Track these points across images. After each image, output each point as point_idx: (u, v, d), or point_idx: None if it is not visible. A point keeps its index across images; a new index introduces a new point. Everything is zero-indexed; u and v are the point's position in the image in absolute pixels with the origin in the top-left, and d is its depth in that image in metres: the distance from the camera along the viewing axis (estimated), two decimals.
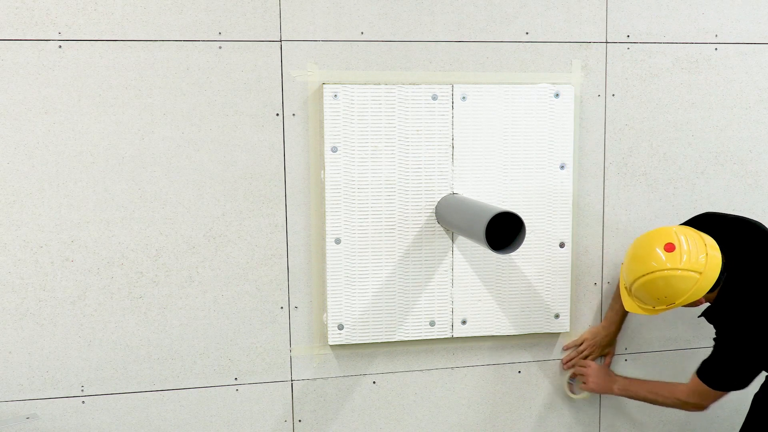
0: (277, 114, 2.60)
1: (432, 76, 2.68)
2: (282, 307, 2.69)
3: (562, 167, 2.78)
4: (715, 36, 2.88)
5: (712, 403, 2.62)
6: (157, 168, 2.54)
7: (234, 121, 2.57)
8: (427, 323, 2.75)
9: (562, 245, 2.82)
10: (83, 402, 2.60)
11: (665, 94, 2.87)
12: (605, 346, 2.91)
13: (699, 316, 2.66)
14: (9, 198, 2.47)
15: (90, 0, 2.44)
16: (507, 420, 2.93)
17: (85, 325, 2.57)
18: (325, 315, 2.71)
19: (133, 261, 2.56)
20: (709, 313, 2.59)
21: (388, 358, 2.79)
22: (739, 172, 2.97)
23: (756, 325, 2.44)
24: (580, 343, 2.91)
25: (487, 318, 2.80)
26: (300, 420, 2.76)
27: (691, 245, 2.40)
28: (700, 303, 2.49)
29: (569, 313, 2.87)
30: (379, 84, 2.62)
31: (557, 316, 2.86)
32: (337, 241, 2.64)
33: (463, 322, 2.78)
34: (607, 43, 2.80)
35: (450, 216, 2.63)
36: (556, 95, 2.74)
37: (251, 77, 2.57)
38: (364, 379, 2.79)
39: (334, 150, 2.60)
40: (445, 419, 2.88)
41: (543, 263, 2.81)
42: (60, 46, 2.44)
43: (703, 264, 2.39)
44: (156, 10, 2.48)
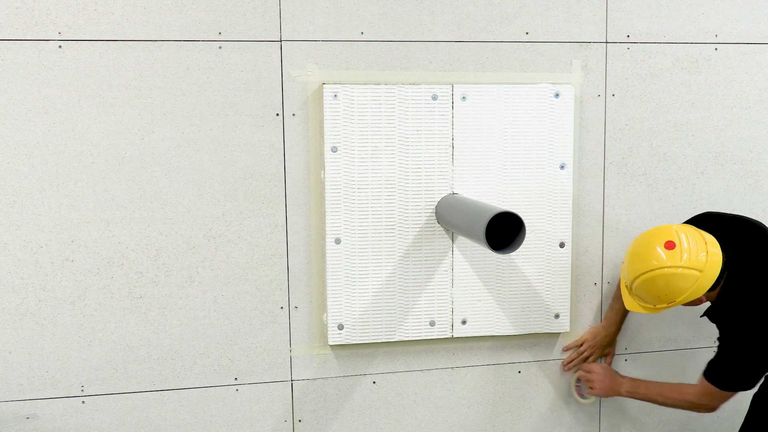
0: (277, 114, 2.60)
1: (432, 76, 2.68)
2: (282, 307, 2.69)
3: (562, 167, 2.78)
4: (715, 36, 2.88)
5: (723, 404, 2.61)
6: (157, 168, 2.54)
7: (234, 121, 2.57)
8: (427, 323, 2.75)
9: (562, 245, 2.82)
10: (83, 402, 2.60)
11: (665, 94, 2.87)
12: (605, 346, 2.91)
13: (701, 315, 2.65)
14: (9, 198, 2.47)
15: (90, 0, 2.44)
16: (507, 420, 2.93)
17: (85, 325, 2.57)
18: (325, 315, 2.71)
19: (133, 261, 2.56)
20: (711, 313, 2.59)
21: (388, 358, 2.79)
22: (739, 172, 2.97)
23: (760, 324, 2.44)
24: (580, 344, 2.91)
25: (487, 318, 2.80)
26: (300, 420, 2.76)
27: (691, 243, 2.40)
28: (701, 302, 2.49)
29: (569, 313, 2.87)
30: (379, 84, 2.62)
31: (557, 316, 2.86)
32: (337, 241, 2.64)
33: (463, 322, 2.78)
34: (607, 43, 2.80)
35: (450, 216, 2.63)
36: (556, 95, 2.74)
37: (251, 77, 2.57)
38: (364, 379, 2.79)
39: (334, 150, 2.60)
40: (445, 419, 2.88)
41: (543, 263, 2.81)
42: (60, 46, 2.44)
43: (703, 262, 2.38)
44: (156, 10, 2.48)
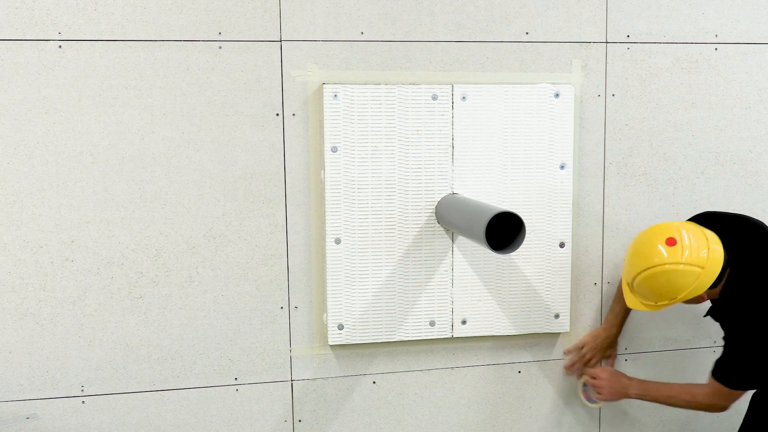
0: (277, 114, 2.60)
1: (432, 76, 2.68)
2: (282, 307, 2.69)
3: (562, 167, 2.78)
4: (715, 36, 2.88)
5: (734, 402, 2.59)
6: (157, 168, 2.54)
7: (234, 121, 2.57)
8: (427, 323, 2.75)
9: (562, 245, 2.82)
10: (83, 402, 2.60)
11: (665, 94, 2.87)
12: (606, 348, 2.90)
13: (705, 315, 2.65)
14: (9, 198, 2.47)
15: (90, 0, 2.44)
16: (507, 420, 2.93)
17: (85, 325, 2.57)
18: (325, 315, 2.70)
19: (133, 261, 2.56)
20: (715, 312, 2.58)
21: (388, 358, 2.79)
22: (739, 172, 2.97)
23: (766, 322, 2.43)
24: (581, 346, 2.89)
25: (487, 318, 2.80)
26: (300, 420, 2.76)
27: (692, 240, 2.39)
28: (702, 299, 2.48)
29: (569, 313, 2.87)
30: (379, 84, 2.62)
31: (557, 316, 2.85)
32: (337, 241, 2.64)
33: (463, 322, 2.78)
34: (607, 43, 2.80)
35: (450, 216, 2.63)
36: (556, 95, 2.74)
37: (251, 77, 2.57)
38: (364, 379, 2.79)
39: (334, 150, 2.60)
40: (445, 419, 2.87)
41: (543, 263, 2.81)
42: (60, 46, 2.44)
43: (705, 259, 2.37)
44: (156, 10, 2.48)
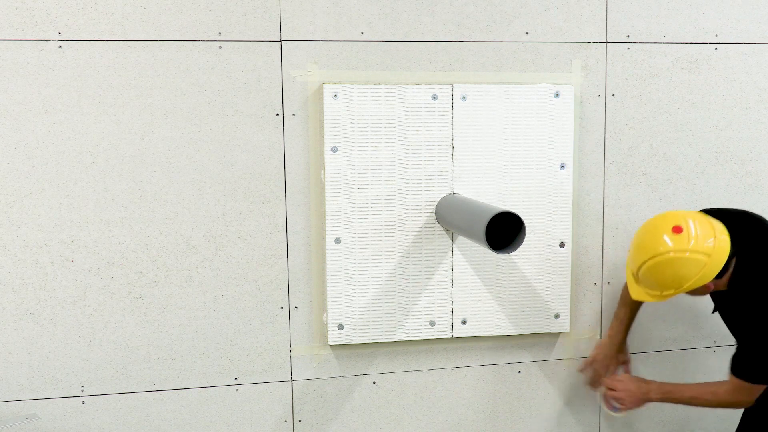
0: (277, 114, 2.60)
1: (432, 76, 2.68)
2: (282, 307, 2.69)
3: (562, 167, 2.78)
4: (715, 36, 2.88)
5: (758, 395, 2.54)
6: (157, 168, 2.54)
7: (234, 121, 2.57)
8: (427, 323, 2.75)
9: (562, 245, 2.82)
10: (83, 402, 2.60)
11: (665, 94, 2.87)
12: (615, 355, 2.85)
13: (713, 311, 2.63)
14: (9, 198, 2.47)
15: (90, 0, 2.44)
16: (507, 420, 2.93)
17: (85, 325, 2.57)
18: (325, 315, 2.70)
19: (133, 261, 2.56)
20: (723, 306, 2.56)
21: (388, 358, 2.79)
22: (739, 172, 2.97)
23: None
24: (592, 361, 2.86)
25: (487, 318, 2.80)
26: (300, 420, 2.76)
27: (699, 228, 2.37)
28: (708, 289, 2.44)
29: (569, 313, 2.87)
30: (379, 84, 2.62)
31: (557, 316, 2.85)
32: (337, 241, 2.64)
33: (463, 322, 2.78)
34: (607, 43, 2.80)
35: (450, 216, 2.63)
36: (556, 95, 2.74)
37: (251, 77, 2.57)
38: (364, 379, 2.79)
39: (334, 150, 2.60)
40: (445, 419, 2.88)
41: (543, 263, 2.81)
42: (60, 46, 2.44)
43: (711, 247, 2.35)
44: (156, 10, 2.48)
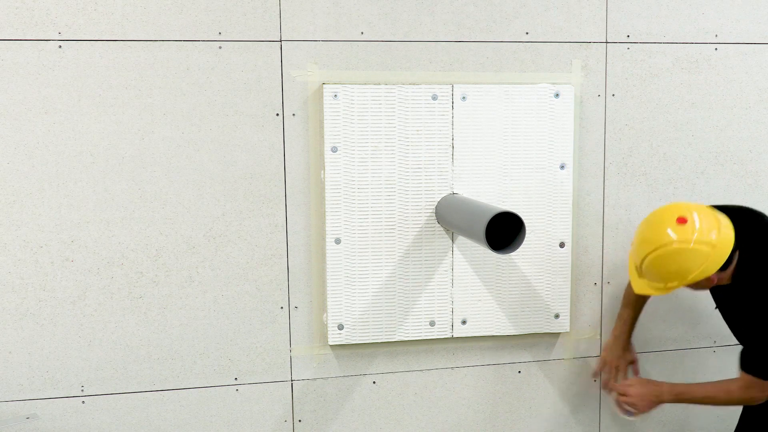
0: (277, 114, 2.60)
1: (432, 76, 2.68)
2: (282, 307, 2.69)
3: (562, 167, 2.78)
4: (715, 36, 2.88)
5: None
6: (157, 168, 2.54)
7: (234, 121, 2.57)
8: (427, 323, 2.75)
9: (562, 245, 2.82)
10: (83, 402, 2.60)
11: (665, 94, 2.87)
12: (622, 354, 2.85)
13: (715, 308, 2.62)
14: (9, 198, 2.47)
15: (90, 0, 2.44)
16: (507, 420, 2.93)
17: (85, 325, 2.57)
18: (325, 315, 2.70)
19: (133, 261, 2.56)
20: (726, 301, 2.56)
21: (388, 358, 2.79)
22: (739, 172, 2.97)
23: None
24: (603, 364, 2.87)
25: (487, 318, 2.80)
26: (300, 420, 2.76)
27: (703, 220, 2.36)
28: (711, 282, 2.43)
29: (569, 313, 2.87)
30: (379, 84, 2.62)
31: (557, 316, 2.85)
32: (337, 241, 2.64)
33: (463, 322, 2.78)
34: (607, 43, 2.80)
35: (450, 216, 2.63)
36: (556, 95, 2.74)
37: (251, 77, 2.57)
38: (364, 379, 2.79)
39: (334, 150, 2.60)
40: (445, 419, 2.87)
41: (543, 263, 2.81)
42: (60, 46, 2.44)
43: (715, 239, 2.33)
44: (156, 10, 2.48)
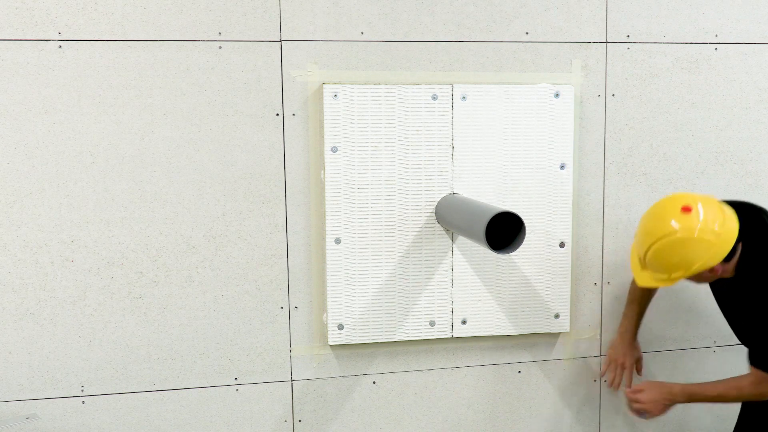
0: (277, 114, 2.60)
1: (432, 76, 2.68)
2: (282, 307, 2.69)
3: (562, 167, 2.78)
4: (715, 36, 2.88)
5: None
6: (157, 168, 2.54)
7: (234, 121, 2.57)
8: (427, 323, 2.75)
9: (562, 245, 2.82)
10: (83, 402, 2.60)
11: (665, 94, 2.87)
12: (629, 351, 2.85)
13: (718, 302, 2.62)
14: (9, 198, 2.47)
15: (90, 0, 2.44)
16: (507, 420, 2.93)
17: (85, 325, 2.57)
18: (325, 315, 2.70)
19: (133, 261, 2.56)
20: (727, 297, 2.55)
21: (388, 358, 2.79)
22: (739, 172, 2.97)
23: None
24: (609, 362, 2.87)
25: (487, 318, 2.80)
26: (300, 420, 2.76)
27: (707, 209, 2.36)
28: (715, 272, 2.41)
29: (569, 313, 2.87)
30: (379, 84, 2.62)
31: (557, 316, 2.85)
32: (337, 241, 2.64)
33: (463, 322, 2.78)
34: (607, 43, 2.80)
35: (450, 216, 2.63)
36: (556, 95, 2.74)
37: (251, 77, 2.57)
38: (364, 379, 2.79)
39: (334, 150, 2.60)
40: (445, 419, 2.87)
41: (543, 263, 2.81)
42: (60, 46, 2.44)
43: (720, 228, 2.33)
44: (156, 10, 2.48)
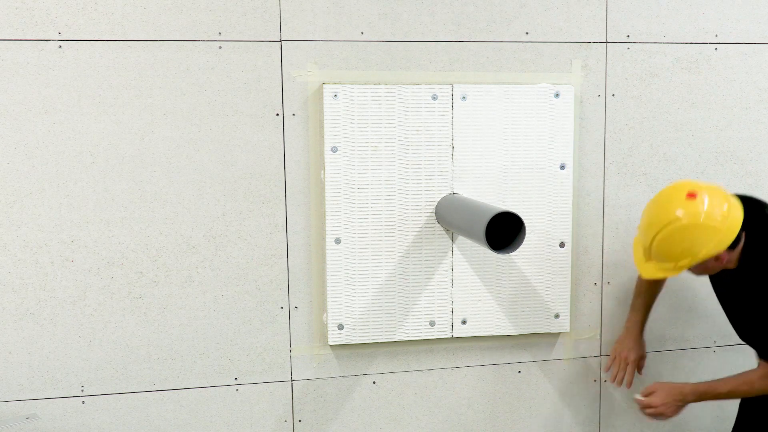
0: (277, 114, 2.60)
1: (432, 76, 2.68)
2: (282, 307, 2.69)
3: (562, 167, 2.78)
4: (715, 36, 2.88)
5: None
6: (157, 168, 2.54)
7: (234, 121, 2.57)
8: (427, 323, 2.75)
9: (562, 245, 2.82)
10: (83, 402, 2.60)
11: (665, 94, 2.87)
12: (635, 347, 2.84)
13: (720, 296, 2.62)
14: (9, 198, 2.47)
15: (90, 0, 2.44)
16: (507, 420, 2.93)
17: (85, 325, 2.57)
18: (325, 315, 2.70)
19: (133, 261, 2.56)
20: (728, 290, 2.55)
21: (388, 358, 2.79)
22: (739, 172, 2.97)
23: None
24: (614, 357, 2.86)
25: (487, 318, 2.80)
26: (300, 420, 2.76)
27: (712, 195, 2.35)
28: (720, 262, 2.40)
29: (569, 313, 2.87)
30: (379, 84, 2.62)
31: (557, 316, 2.85)
32: (337, 241, 2.64)
33: (463, 322, 2.78)
34: (607, 43, 2.80)
35: (450, 216, 2.63)
36: (556, 95, 2.74)
37: (251, 77, 2.57)
38: (364, 379, 2.79)
39: (334, 150, 2.60)
40: (445, 419, 2.87)
41: (543, 263, 2.81)
42: (60, 46, 2.44)
43: (725, 214, 2.33)
44: (156, 10, 2.48)
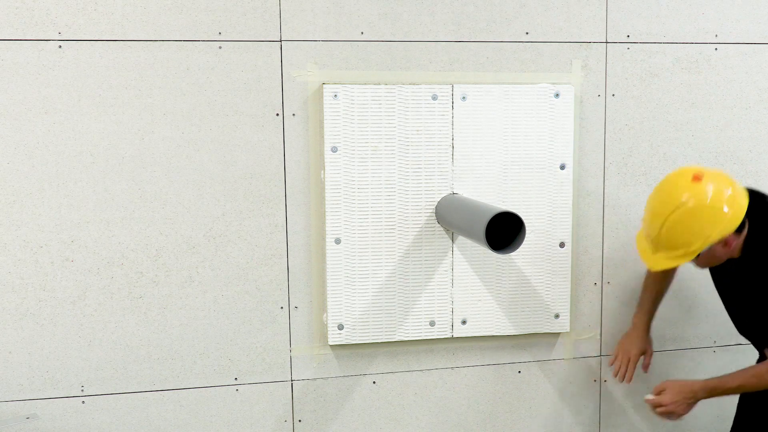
0: (277, 114, 2.60)
1: (432, 76, 2.68)
2: (282, 307, 2.69)
3: (562, 167, 2.78)
4: (715, 36, 2.88)
5: None
6: (157, 168, 2.54)
7: (234, 121, 2.57)
8: (427, 323, 2.75)
9: (562, 245, 2.82)
10: (83, 402, 2.60)
11: (665, 94, 2.87)
12: (641, 343, 2.82)
13: (722, 293, 2.62)
14: (9, 198, 2.47)
15: (90, 0, 2.44)
16: (507, 420, 2.93)
17: (85, 325, 2.57)
18: (325, 315, 2.70)
19: (133, 261, 2.56)
20: (730, 282, 2.55)
21: (388, 358, 2.79)
22: (739, 172, 2.97)
23: None
24: (617, 354, 2.85)
25: (487, 318, 2.80)
26: (300, 420, 2.76)
27: (716, 177, 2.36)
28: (729, 247, 2.38)
29: (569, 313, 2.87)
30: (379, 84, 2.62)
31: (557, 316, 2.85)
32: (337, 241, 2.64)
33: (463, 322, 2.78)
34: (607, 43, 2.80)
35: (450, 216, 2.63)
36: (556, 95, 2.74)
37: (251, 77, 2.57)
38: (364, 379, 2.79)
39: (334, 150, 2.60)
40: (445, 419, 2.88)
41: (543, 263, 2.81)
42: (60, 46, 2.44)
43: (731, 196, 2.33)
44: (156, 10, 2.48)
